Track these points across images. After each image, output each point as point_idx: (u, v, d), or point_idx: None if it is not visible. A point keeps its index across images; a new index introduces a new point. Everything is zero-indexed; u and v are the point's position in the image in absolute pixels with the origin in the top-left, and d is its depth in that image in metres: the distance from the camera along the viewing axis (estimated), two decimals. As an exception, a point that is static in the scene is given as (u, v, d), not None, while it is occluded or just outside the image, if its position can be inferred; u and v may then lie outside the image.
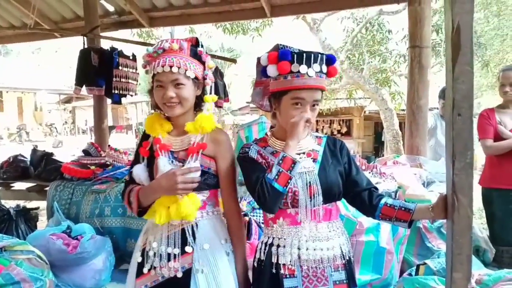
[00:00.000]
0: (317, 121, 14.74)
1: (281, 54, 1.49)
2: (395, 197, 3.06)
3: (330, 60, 1.54)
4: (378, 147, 15.46)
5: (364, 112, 14.35)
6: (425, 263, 2.23)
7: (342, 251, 1.57)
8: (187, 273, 1.57)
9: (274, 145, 1.60)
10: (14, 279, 2.59)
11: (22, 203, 5.13)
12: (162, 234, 1.62)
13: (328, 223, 1.57)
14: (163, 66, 1.55)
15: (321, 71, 1.50)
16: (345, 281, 1.55)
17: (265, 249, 1.58)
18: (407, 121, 4.09)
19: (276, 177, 1.43)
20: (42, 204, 4.38)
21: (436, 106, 4.78)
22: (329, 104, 11.75)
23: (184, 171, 1.51)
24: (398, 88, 9.69)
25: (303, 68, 1.47)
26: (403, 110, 6.03)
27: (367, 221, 2.45)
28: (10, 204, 4.38)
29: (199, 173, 1.56)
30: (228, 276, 1.62)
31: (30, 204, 5.23)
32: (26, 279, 2.65)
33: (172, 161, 1.62)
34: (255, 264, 1.61)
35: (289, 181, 1.45)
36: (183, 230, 1.61)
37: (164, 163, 1.58)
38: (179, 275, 1.57)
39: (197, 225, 1.62)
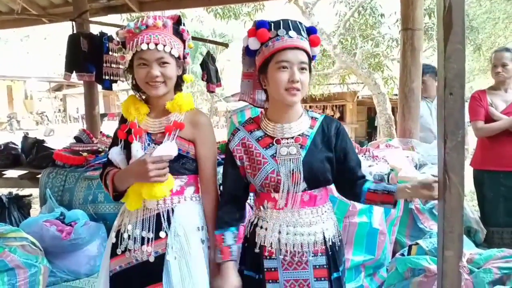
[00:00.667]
0: (310, 107, 14.73)
1: (258, 24, 1.49)
2: (388, 179, 3.08)
3: (310, 30, 1.52)
4: (371, 132, 15.52)
5: (357, 97, 14.38)
6: (417, 243, 2.26)
7: (324, 236, 1.54)
8: (160, 258, 1.57)
9: (266, 128, 1.56)
10: (8, 265, 2.59)
11: (14, 190, 5.11)
12: (138, 218, 1.60)
13: (312, 208, 1.54)
14: (147, 44, 1.50)
15: (301, 35, 1.47)
16: (325, 266, 1.54)
17: (250, 228, 1.60)
18: (399, 104, 4.09)
19: (220, 256, 1.57)
20: (35, 192, 4.36)
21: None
22: (322, 90, 11.73)
23: (155, 159, 1.48)
24: (391, 72, 9.70)
25: (281, 32, 1.46)
26: (396, 94, 6.03)
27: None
28: (2, 191, 4.36)
29: (173, 155, 1.55)
30: (201, 264, 1.61)
31: (23, 192, 5.21)
32: (21, 265, 2.65)
33: (149, 144, 1.60)
34: (244, 241, 1.62)
35: (230, 250, 1.56)
36: (158, 215, 1.59)
37: (137, 148, 1.56)
38: (152, 259, 1.57)
39: (173, 210, 1.60)
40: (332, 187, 1.67)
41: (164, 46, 1.52)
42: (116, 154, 1.63)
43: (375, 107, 8.93)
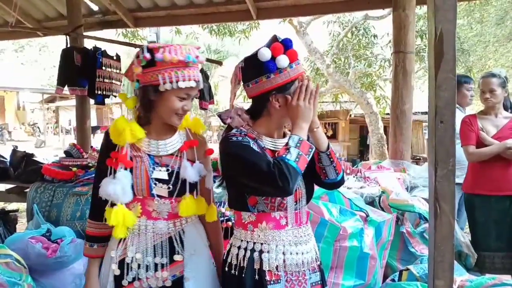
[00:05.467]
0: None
1: (287, 43, 1.47)
2: (379, 202, 3.07)
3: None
4: (363, 150, 15.60)
5: (350, 115, 14.48)
6: (408, 269, 2.24)
7: (316, 253, 1.59)
8: (177, 281, 1.55)
9: (263, 142, 1.52)
10: (-10, 284, 2.53)
11: (1, 205, 5.02)
12: (147, 244, 1.55)
13: (306, 226, 1.57)
14: (189, 81, 1.50)
15: None
16: (319, 282, 1.57)
17: (244, 254, 1.50)
18: (391, 126, 4.12)
19: (297, 159, 1.37)
20: (23, 206, 4.29)
21: (419, 110, 4.81)
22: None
23: None
24: (383, 92, 9.80)
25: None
26: (388, 114, 6.08)
27: (350, 227, 2.45)
28: (-12, 206, 4.28)
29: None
30: (215, 280, 1.64)
31: (10, 206, 5.13)
32: (3, 283, 2.58)
33: (154, 168, 1.56)
34: (232, 271, 1.52)
35: (305, 165, 1.40)
36: (170, 239, 1.57)
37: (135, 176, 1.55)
38: (169, 284, 1.54)
39: (183, 231, 1.59)
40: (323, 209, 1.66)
41: (199, 83, 1.55)
42: (111, 186, 1.50)
43: (367, 125, 8.99)
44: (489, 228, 3.12)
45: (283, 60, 1.45)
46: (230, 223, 2.41)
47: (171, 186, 1.56)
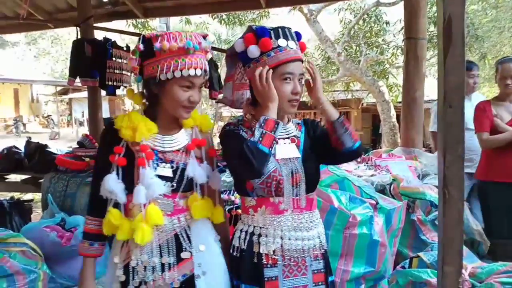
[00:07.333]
0: (314, 113, 14.72)
1: (259, 32, 1.47)
2: (390, 190, 3.05)
3: (298, 35, 1.54)
4: (375, 139, 15.49)
5: (362, 104, 14.35)
6: (418, 256, 2.23)
7: (320, 241, 1.58)
8: (188, 280, 1.48)
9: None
10: (8, 271, 2.58)
11: (17, 195, 5.13)
12: (152, 244, 1.45)
13: (309, 213, 1.56)
14: (195, 69, 1.41)
15: (296, 44, 1.50)
16: (322, 270, 1.57)
17: (245, 237, 1.54)
18: (402, 114, 4.08)
19: (260, 139, 1.37)
20: (38, 196, 4.37)
21: (432, 98, 4.72)
22: (327, 96, 11.72)
23: None
24: (396, 80, 9.69)
25: (282, 42, 1.46)
26: (400, 102, 6.02)
27: (360, 214, 2.45)
28: (4, 196, 4.38)
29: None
30: (226, 274, 1.57)
31: (26, 196, 5.23)
32: (20, 271, 2.64)
33: (158, 164, 1.47)
34: (234, 253, 1.56)
35: (273, 142, 1.40)
36: (176, 236, 1.48)
37: (151, 176, 1.43)
38: (177, 285, 1.46)
39: (189, 227, 1.51)
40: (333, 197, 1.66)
41: (206, 71, 1.47)
42: (114, 184, 1.43)
43: (379, 114, 8.92)
44: (502, 215, 3.09)
45: (252, 51, 1.47)
46: (239, 211, 2.42)
47: (174, 184, 1.48)
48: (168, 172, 1.48)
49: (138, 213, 1.43)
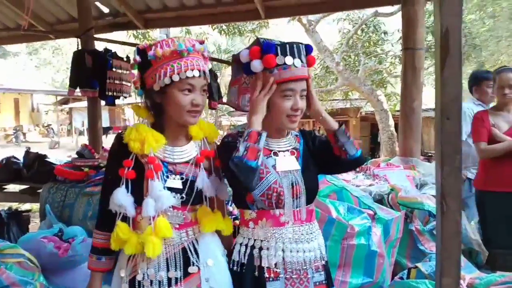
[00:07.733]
0: (313, 122, 14.74)
1: (265, 48, 1.45)
2: (388, 199, 3.05)
3: (309, 49, 1.53)
4: (374, 148, 15.48)
5: (360, 113, 14.39)
6: (416, 267, 2.23)
7: (321, 252, 1.58)
8: None
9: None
10: (4, 283, 2.57)
11: (15, 205, 5.11)
12: (160, 258, 1.43)
13: (309, 224, 1.56)
14: (192, 70, 1.40)
15: (303, 61, 1.49)
16: (324, 282, 1.56)
17: (245, 251, 1.52)
18: (400, 123, 4.09)
19: (245, 152, 1.37)
20: (36, 206, 4.36)
21: (430, 107, 4.76)
22: (325, 105, 11.77)
23: None
24: (394, 89, 9.73)
25: (288, 60, 1.44)
26: (399, 111, 6.04)
27: (358, 225, 2.44)
28: (2, 207, 4.36)
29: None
30: None
31: (24, 206, 5.21)
32: (16, 282, 2.62)
33: (168, 176, 1.46)
34: (235, 268, 1.54)
35: (258, 153, 1.39)
36: (183, 249, 1.46)
37: (159, 188, 1.41)
38: None
39: (197, 240, 1.49)
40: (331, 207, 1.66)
41: (205, 73, 1.46)
42: (123, 198, 1.42)
43: (378, 123, 8.94)
44: (500, 225, 3.08)
45: (255, 65, 1.47)
46: (237, 222, 2.41)
47: (184, 196, 1.46)
48: (178, 184, 1.47)
49: (147, 226, 1.41)
